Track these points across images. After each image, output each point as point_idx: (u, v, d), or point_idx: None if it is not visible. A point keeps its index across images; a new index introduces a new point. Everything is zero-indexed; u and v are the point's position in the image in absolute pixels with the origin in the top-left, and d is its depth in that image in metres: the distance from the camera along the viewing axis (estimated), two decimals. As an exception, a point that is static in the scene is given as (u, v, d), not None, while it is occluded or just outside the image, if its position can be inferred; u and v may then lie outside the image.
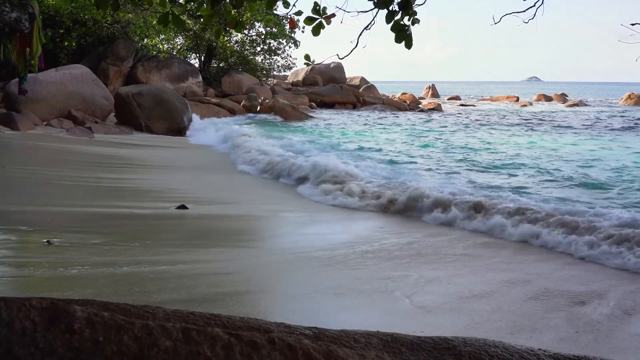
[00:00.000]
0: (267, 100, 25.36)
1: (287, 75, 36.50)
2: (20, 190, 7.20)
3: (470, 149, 14.93)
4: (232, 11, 3.58)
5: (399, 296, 4.36)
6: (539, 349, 1.50)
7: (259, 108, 24.64)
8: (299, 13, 3.33)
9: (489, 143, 16.43)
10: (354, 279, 4.69)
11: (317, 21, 3.02)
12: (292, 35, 29.86)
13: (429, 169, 11.43)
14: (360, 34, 3.16)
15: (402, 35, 2.96)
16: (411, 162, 12.39)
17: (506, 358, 1.41)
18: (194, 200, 7.35)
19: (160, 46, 24.49)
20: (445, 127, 22.25)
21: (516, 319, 3.96)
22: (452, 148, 15.04)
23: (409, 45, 3.00)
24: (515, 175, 10.69)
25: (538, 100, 48.54)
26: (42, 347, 0.93)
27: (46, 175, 8.43)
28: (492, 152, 14.22)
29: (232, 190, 8.92)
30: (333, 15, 3.03)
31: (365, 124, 22.58)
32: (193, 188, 8.51)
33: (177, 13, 3.49)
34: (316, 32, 3.04)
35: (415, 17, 2.97)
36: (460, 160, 12.76)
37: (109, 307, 1.23)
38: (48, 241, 4.97)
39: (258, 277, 4.80)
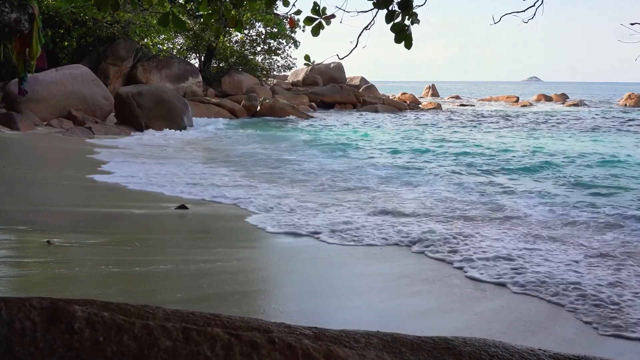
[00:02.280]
0: (267, 100, 25.35)
1: (287, 75, 36.46)
2: (20, 190, 7.20)
3: (468, 148, 14.93)
4: (232, 10, 3.57)
5: (398, 295, 4.36)
6: (539, 349, 1.50)
7: (259, 108, 24.62)
8: (299, 12, 3.33)
9: (486, 143, 16.43)
10: (352, 279, 4.70)
11: (316, 21, 3.02)
12: (292, 35, 29.86)
13: (421, 169, 11.39)
14: (360, 34, 3.15)
15: (402, 36, 2.96)
16: (393, 162, 12.35)
17: (506, 358, 1.41)
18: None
19: (161, 45, 24.46)
20: (442, 127, 22.26)
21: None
22: (450, 148, 15.03)
23: (408, 45, 3.00)
24: (495, 175, 10.67)
25: (538, 100, 48.49)
26: (42, 347, 0.93)
27: (46, 175, 8.43)
28: (489, 152, 14.22)
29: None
30: (333, 16, 3.02)
31: (365, 124, 22.58)
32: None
33: (177, 13, 3.48)
34: (315, 32, 3.04)
35: (416, 17, 2.97)
36: (460, 161, 12.76)
37: (109, 307, 1.23)
38: (48, 241, 4.97)
39: (258, 277, 4.80)
